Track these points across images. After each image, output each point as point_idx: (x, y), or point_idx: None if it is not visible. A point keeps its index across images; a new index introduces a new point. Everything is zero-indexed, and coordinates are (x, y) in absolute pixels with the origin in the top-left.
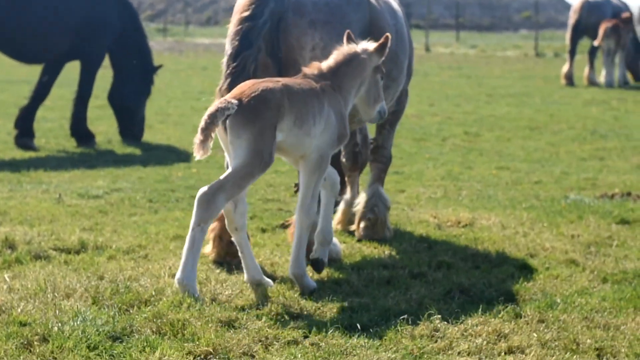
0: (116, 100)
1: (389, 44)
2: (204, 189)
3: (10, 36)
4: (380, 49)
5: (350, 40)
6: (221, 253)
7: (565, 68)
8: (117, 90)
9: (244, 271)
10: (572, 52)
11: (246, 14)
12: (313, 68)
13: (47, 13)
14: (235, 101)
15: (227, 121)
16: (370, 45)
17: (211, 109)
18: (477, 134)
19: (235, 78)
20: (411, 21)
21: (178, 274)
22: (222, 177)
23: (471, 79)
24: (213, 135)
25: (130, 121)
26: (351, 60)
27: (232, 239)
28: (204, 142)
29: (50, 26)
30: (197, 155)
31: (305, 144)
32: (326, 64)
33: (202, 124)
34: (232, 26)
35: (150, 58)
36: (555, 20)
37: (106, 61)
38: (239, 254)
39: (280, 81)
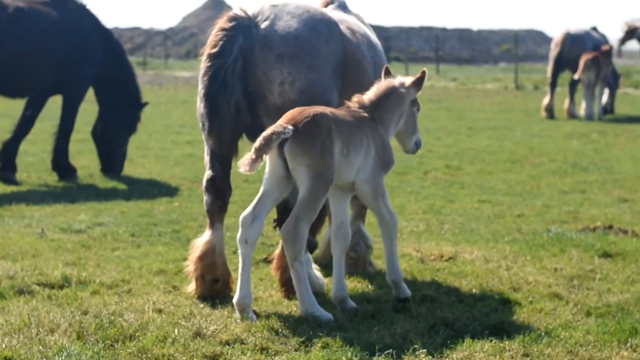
0: (98, 134)
1: (425, 78)
2: (286, 226)
3: None
4: (417, 83)
5: (387, 74)
6: (204, 292)
7: (545, 101)
8: (100, 125)
9: (237, 290)
10: (553, 85)
11: (215, 50)
12: (355, 101)
13: (31, 48)
14: (290, 127)
15: (286, 148)
16: (407, 79)
17: (267, 132)
18: (459, 167)
19: (211, 119)
20: (391, 54)
21: (303, 309)
22: (295, 208)
23: (451, 112)
24: (264, 158)
25: (110, 156)
26: (390, 93)
27: (238, 251)
28: (254, 161)
29: (34, 61)
30: (242, 168)
31: (345, 173)
32: (367, 96)
33: (257, 144)
34: (202, 62)
35: (137, 94)
36: (534, 53)
37: (89, 95)
38: (239, 270)
39: (327, 108)
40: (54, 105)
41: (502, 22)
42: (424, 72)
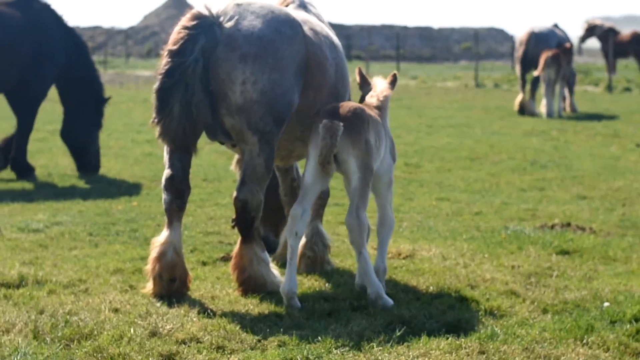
0: (69, 136)
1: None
2: (349, 218)
3: None
4: (392, 84)
5: (361, 75)
6: (162, 291)
7: (518, 98)
8: (69, 127)
9: (285, 280)
10: (523, 84)
11: (175, 48)
12: (372, 98)
13: None
14: (340, 123)
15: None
16: (387, 81)
17: (325, 131)
18: (418, 165)
19: (161, 116)
20: (352, 52)
21: (374, 293)
22: (353, 199)
23: (412, 109)
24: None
25: (86, 155)
26: (389, 94)
27: (288, 242)
28: (329, 161)
29: None
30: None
31: (375, 163)
32: (377, 96)
33: (323, 144)
34: (162, 58)
35: (100, 91)
36: (495, 51)
37: (51, 93)
38: (287, 261)
39: (358, 104)
40: None
41: (462, 20)
42: (395, 75)
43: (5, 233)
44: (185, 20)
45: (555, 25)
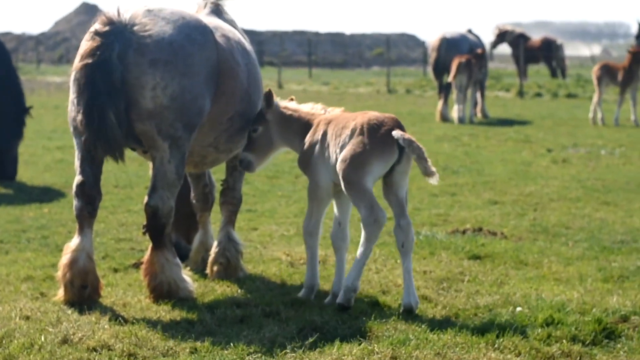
0: None
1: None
2: (407, 223)
3: None
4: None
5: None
6: (73, 298)
7: (439, 106)
8: None
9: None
10: (440, 89)
11: (91, 60)
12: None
13: None
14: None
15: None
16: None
17: (414, 141)
18: None
19: (93, 130)
20: (264, 58)
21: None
22: (403, 204)
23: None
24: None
25: (3, 163)
26: None
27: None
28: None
29: None
30: (435, 180)
31: None
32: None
33: (420, 154)
34: (77, 68)
35: (22, 99)
36: (406, 56)
37: None
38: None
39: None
40: None
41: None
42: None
43: None
44: (97, 26)
45: (469, 31)
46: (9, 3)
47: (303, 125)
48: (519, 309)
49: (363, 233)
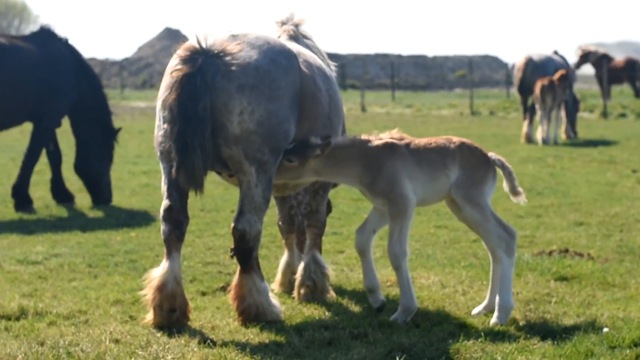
0: (83, 169)
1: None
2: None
3: None
4: None
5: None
6: (162, 322)
7: (524, 127)
8: (83, 160)
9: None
10: (525, 111)
11: (179, 87)
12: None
13: (8, 83)
14: None
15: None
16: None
17: (506, 163)
18: None
19: (186, 161)
20: (347, 81)
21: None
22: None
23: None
24: None
25: (99, 187)
26: None
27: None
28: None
29: (10, 96)
30: (522, 200)
31: None
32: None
33: (510, 172)
34: (165, 97)
35: (110, 122)
36: (489, 78)
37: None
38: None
39: None
40: (8, 136)
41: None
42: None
43: (4, 265)
44: (182, 53)
45: (555, 52)
46: (92, 29)
47: (362, 156)
48: (606, 330)
49: (499, 251)
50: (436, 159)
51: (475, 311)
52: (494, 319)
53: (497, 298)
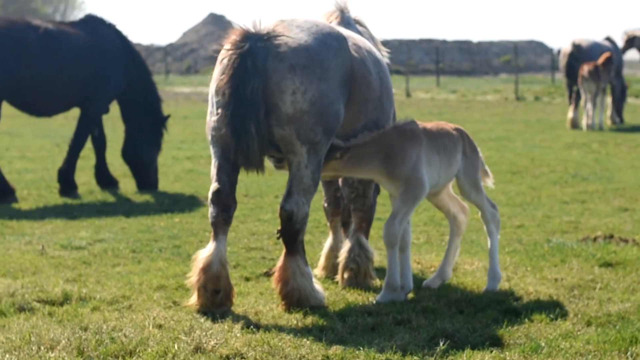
0: (130, 155)
1: None
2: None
3: (23, 90)
4: None
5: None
6: (205, 303)
7: (569, 113)
8: (131, 146)
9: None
10: (570, 97)
11: (232, 71)
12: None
13: (58, 69)
14: None
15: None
16: None
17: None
18: None
19: (242, 144)
20: (391, 67)
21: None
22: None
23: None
24: None
25: (146, 173)
26: None
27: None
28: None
29: (60, 82)
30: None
31: None
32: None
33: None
34: (219, 82)
35: (160, 109)
36: (534, 63)
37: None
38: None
39: None
40: (53, 122)
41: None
42: None
43: (48, 250)
44: (233, 38)
45: (608, 38)
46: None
47: (382, 149)
48: None
49: (492, 225)
50: (450, 145)
51: (426, 282)
52: (486, 287)
53: (490, 268)
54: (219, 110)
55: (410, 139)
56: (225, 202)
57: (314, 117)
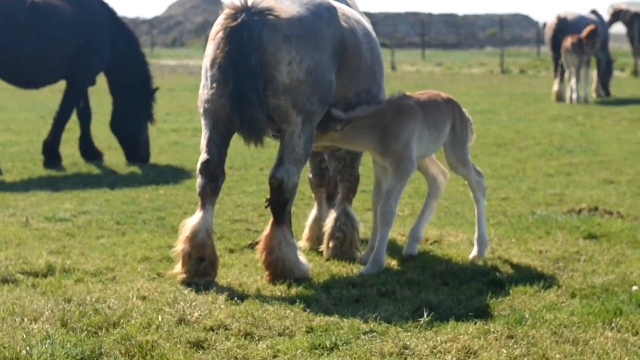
0: (118, 127)
1: None
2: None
3: (10, 62)
4: None
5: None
6: (190, 271)
7: (554, 86)
8: (118, 118)
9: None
10: (556, 70)
11: (228, 45)
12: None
13: (45, 42)
14: None
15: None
16: None
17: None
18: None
19: (243, 116)
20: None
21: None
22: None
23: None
24: None
25: (135, 146)
26: None
27: None
28: None
29: (48, 54)
30: None
31: None
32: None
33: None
34: (215, 56)
35: (149, 82)
36: (520, 37)
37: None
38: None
39: None
40: (39, 95)
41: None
42: None
43: (32, 222)
44: (228, 12)
45: (593, 12)
46: None
47: (378, 124)
48: (635, 288)
49: (478, 193)
50: (440, 120)
51: (405, 250)
52: (474, 253)
53: (477, 234)
54: (214, 84)
55: (407, 116)
56: (213, 172)
57: (310, 86)
